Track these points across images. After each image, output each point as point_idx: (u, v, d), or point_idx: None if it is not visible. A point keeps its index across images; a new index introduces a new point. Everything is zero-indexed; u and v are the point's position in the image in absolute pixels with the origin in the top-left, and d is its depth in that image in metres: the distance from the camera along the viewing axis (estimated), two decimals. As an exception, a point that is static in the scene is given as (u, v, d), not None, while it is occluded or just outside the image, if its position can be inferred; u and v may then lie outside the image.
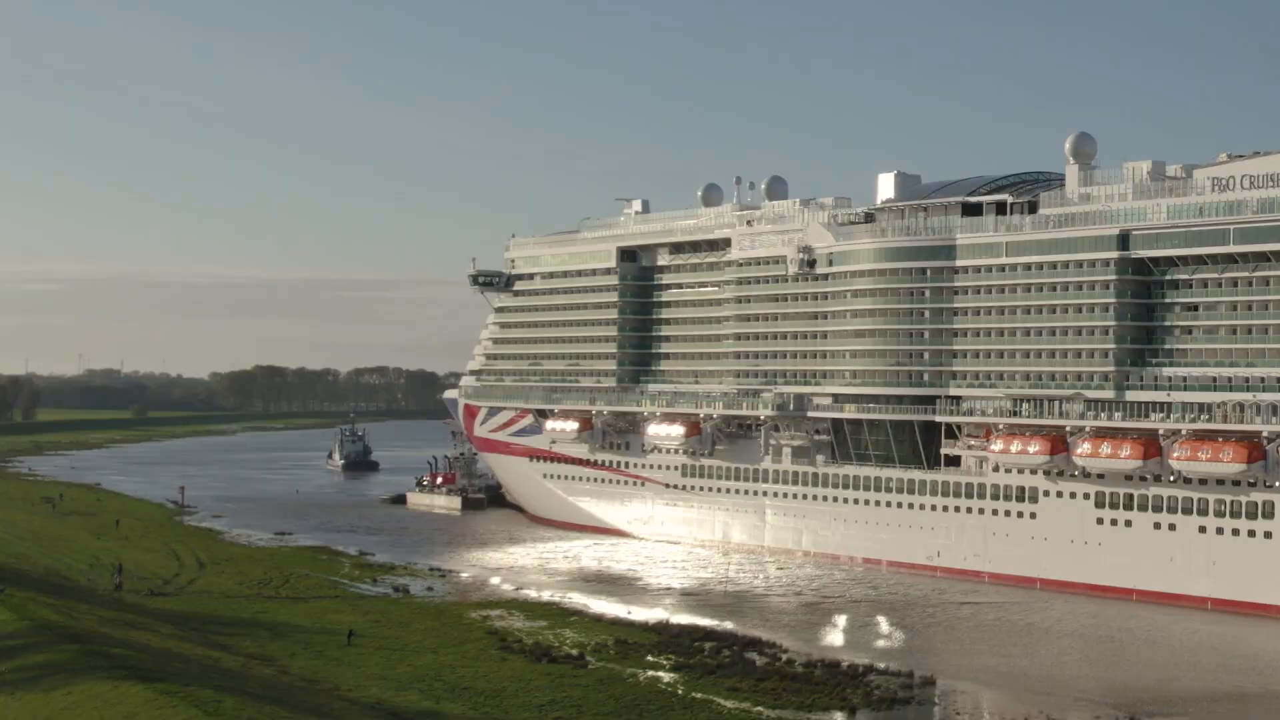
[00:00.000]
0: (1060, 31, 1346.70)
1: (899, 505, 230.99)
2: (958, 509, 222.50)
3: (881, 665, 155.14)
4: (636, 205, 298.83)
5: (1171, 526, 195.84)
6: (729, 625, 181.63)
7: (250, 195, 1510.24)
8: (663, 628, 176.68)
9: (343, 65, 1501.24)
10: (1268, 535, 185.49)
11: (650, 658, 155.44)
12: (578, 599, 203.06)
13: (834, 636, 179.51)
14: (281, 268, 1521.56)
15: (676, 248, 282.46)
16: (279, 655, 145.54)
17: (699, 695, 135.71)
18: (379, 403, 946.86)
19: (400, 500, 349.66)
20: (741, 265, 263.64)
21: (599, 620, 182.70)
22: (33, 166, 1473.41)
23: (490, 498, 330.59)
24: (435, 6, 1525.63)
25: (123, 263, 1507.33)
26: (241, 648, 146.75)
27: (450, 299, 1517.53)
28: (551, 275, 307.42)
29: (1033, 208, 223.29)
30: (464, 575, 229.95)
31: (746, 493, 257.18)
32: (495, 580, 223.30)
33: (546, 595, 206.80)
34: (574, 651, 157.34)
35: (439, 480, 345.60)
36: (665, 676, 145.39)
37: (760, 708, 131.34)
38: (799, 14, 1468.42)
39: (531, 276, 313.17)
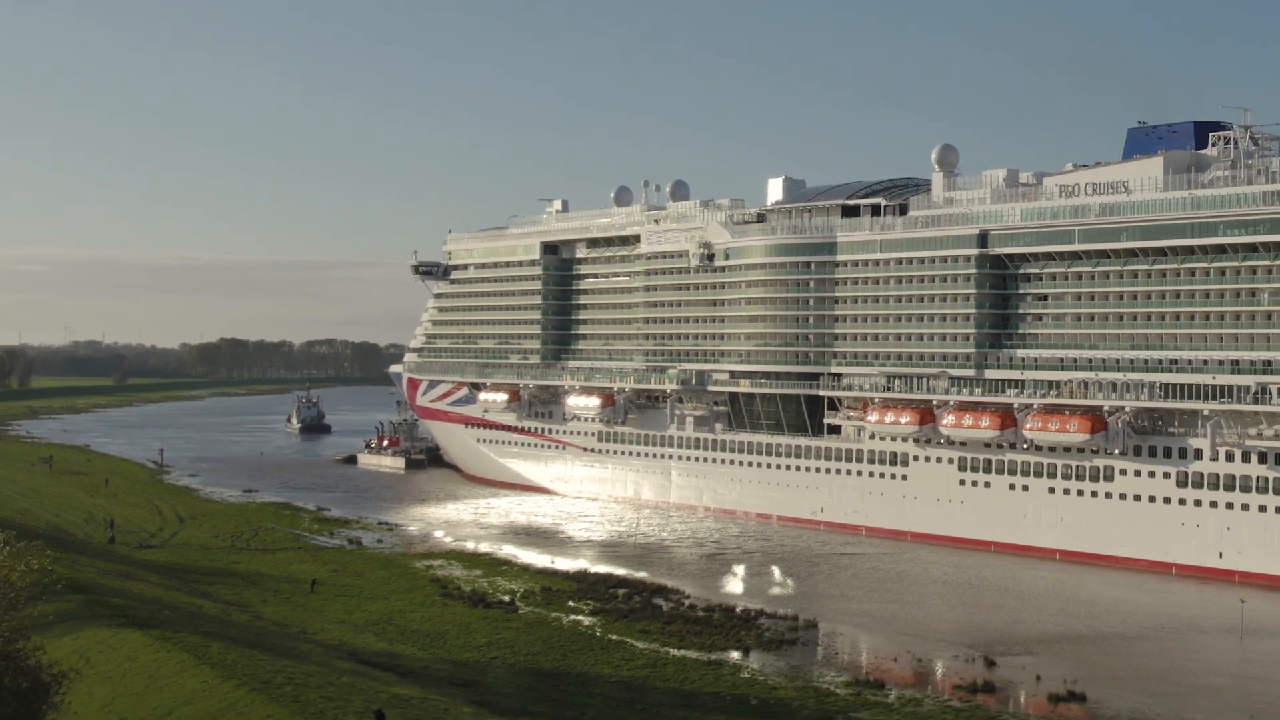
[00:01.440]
0: (931, 51, 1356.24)
1: (788, 468, 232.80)
2: (839, 471, 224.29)
3: (771, 610, 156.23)
4: (557, 205, 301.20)
5: (1025, 488, 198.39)
6: (640, 574, 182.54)
7: (214, 188, 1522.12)
8: (582, 576, 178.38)
9: (297, 73, 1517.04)
10: (1108, 495, 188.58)
11: (572, 603, 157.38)
12: (508, 550, 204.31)
13: (731, 584, 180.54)
14: (242, 251, 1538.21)
15: (593, 243, 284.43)
16: (253, 602, 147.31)
17: (614, 637, 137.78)
18: (328, 370, 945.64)
19: (351, 460, 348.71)
20: (649, 258, 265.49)
21: (526, 569, 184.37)
22: (27, 164, 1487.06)
23: (430, 459, 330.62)
24: (381, 19, 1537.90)
25: (104, 247, 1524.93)
26: (220, 595, 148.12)
27: (390, 279, 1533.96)
28: (483, 266, 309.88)
29: (903, 210, 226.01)
30: (409, 529, 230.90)
31: (654, 456, 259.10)
32: (437, 533, 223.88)
33: (481, 547, 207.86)
34: (506, 598, 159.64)
35: (385, 443, 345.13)
36: (585, 620, 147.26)
37: (667, 648, 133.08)
38: (703, 32, 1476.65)
39: (466, 267, 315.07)
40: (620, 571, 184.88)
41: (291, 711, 76.99)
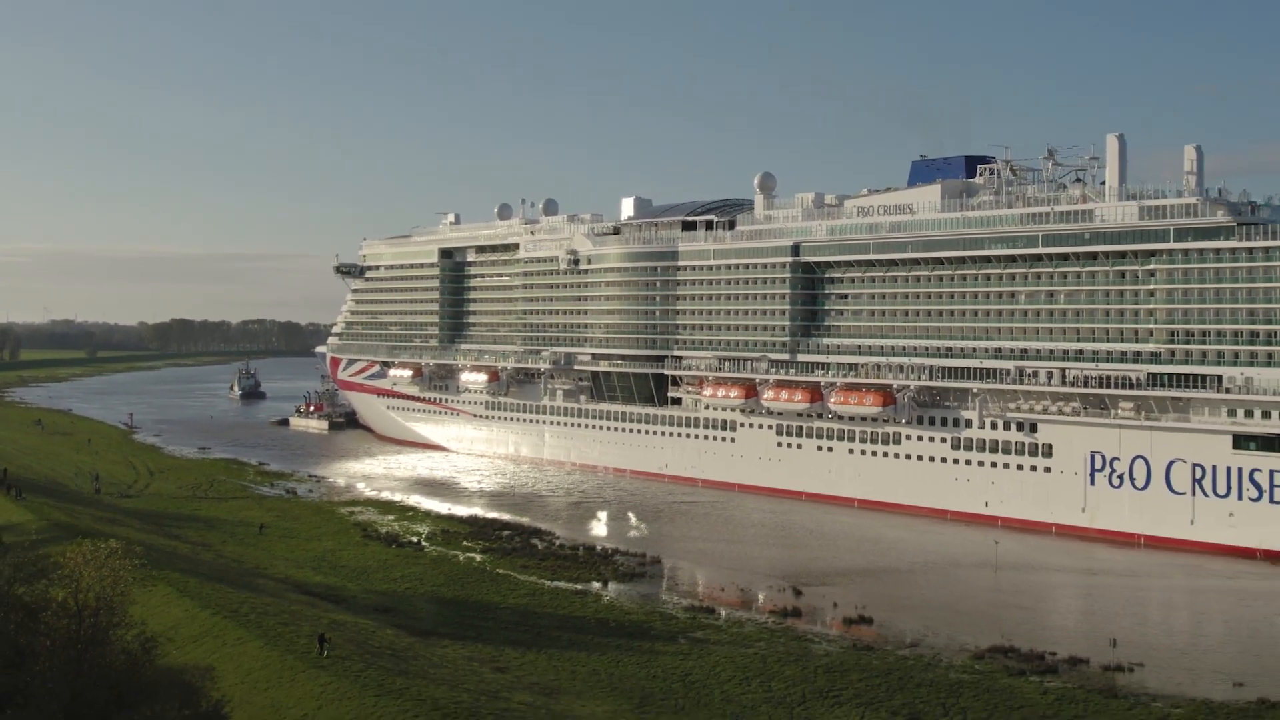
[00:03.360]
0: (756, 90, 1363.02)
1: (639, 431, 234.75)
2: (680, 434, 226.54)
3: (625, 549, 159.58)
4: (451, 217, 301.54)
5: (830, 449, 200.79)
6: (520, 519, 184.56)
7: (166, 193, 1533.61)
8: (474, 521, 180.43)
9: (235, 98, 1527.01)
10: (896, 456, 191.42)
11: (466, 543, 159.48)
12: (414, 498, 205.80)
13: (593, 527, 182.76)
14: (189, 246, 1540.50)
15: (480, 249, 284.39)
16: (215, 542, 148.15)
17: (501, 571, 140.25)
18: (259, 344, 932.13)
19: (284, 423, 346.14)
20: (527, 262, 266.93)
21: (430, 515, 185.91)
22: (14, 174, 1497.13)
23: (348, 422, 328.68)
24: (306, 57, 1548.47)
25: (76, 242, 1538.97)
26: (188, 537, 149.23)
27: (309, 269, 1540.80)
28: (392, 267, 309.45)
29: (731, 225, 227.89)
30: (334, 481, 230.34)
31: (531, 421, 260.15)
32: (357, 485, 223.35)
33: (393, 496, 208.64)
34: (414, 539, 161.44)
35: (312, 408, 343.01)
36: (477, 557, 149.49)
37: (544, 580, 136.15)
38: (570, 72, 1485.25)
39: (378, 268, 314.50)
40: (504, 516, 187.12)
41: (256, 635, 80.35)
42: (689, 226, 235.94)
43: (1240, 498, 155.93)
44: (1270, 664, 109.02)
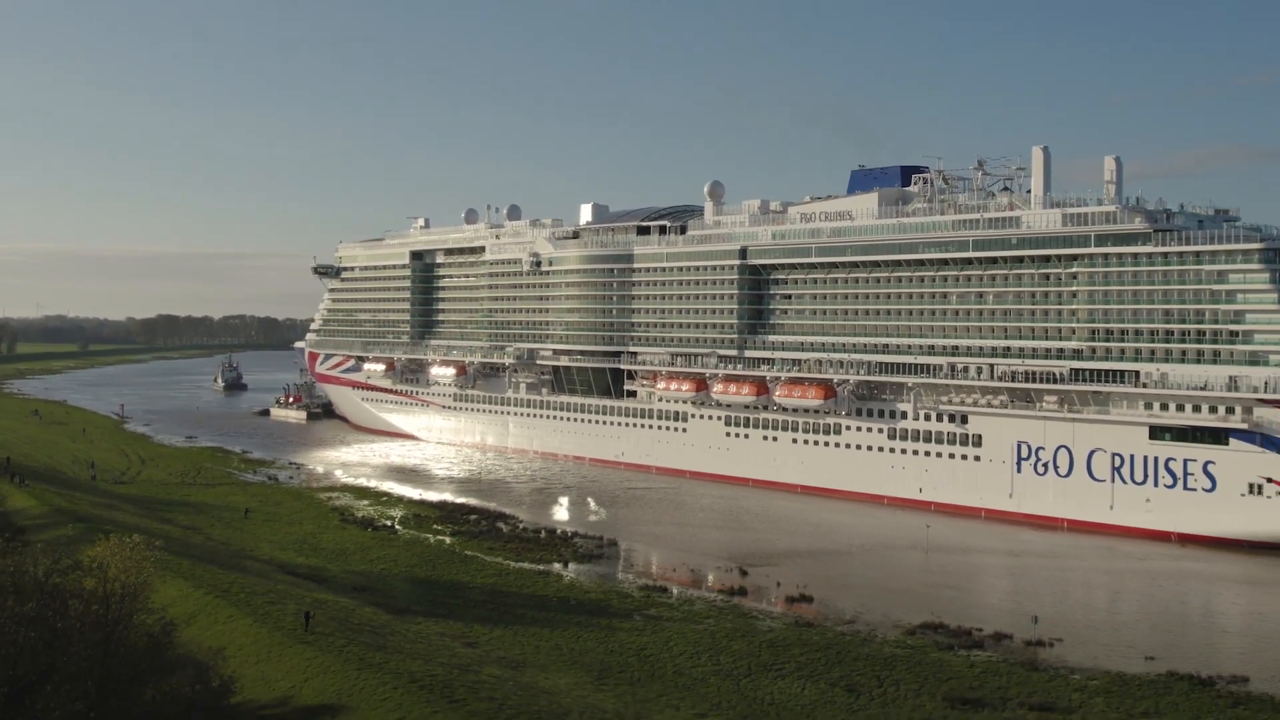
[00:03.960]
0: (706, 102, 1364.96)
1: (597, 421, 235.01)
2: (635, 425, 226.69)
3: (584, 531, 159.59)
4: (421, 221, 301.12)
5: (775, 439, 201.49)
6: (486, 504, 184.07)
7: (153, 197, 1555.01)
8: (443, 505, 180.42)
9: (214, 107, 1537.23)
10: (837, 445, 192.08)
11: (436, 527, 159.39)
12: (388, 485, 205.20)
13: (554, 511, 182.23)
14: (173, 245, 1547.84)
15: (449, 251, 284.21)
16: (204, 526, 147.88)
17: (469, 552, 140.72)
18: (239, 338, 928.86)
19: (265, 413, 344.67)
20: (492, 264, 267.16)
21: (402, 500, 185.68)
22: (9, 179, 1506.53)
23: (325, 412, 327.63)
24: (292, 61, 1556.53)
25: (68, 242, 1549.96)
26: (179, 521, 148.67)
27: (286, 267, 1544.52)
28: (366, 268, 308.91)
29: (683, 230, 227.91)
30: (313, 468, 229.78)
31: (497, 412, 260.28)
32: (335, 472, 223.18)
33: (368, 482, 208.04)
34: (388, 523, 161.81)
35: (291, 399, 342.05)
36: (447, 540, 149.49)
37: (509, 561, 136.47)
38: (532, 85, 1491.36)
39: (353, 269, 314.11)
40: (472, 501, 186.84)
41: (246, 612, 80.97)
42: (643, 231, 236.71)
43: (1156, 485, 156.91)
44: (1179, 639, 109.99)
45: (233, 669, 57.07)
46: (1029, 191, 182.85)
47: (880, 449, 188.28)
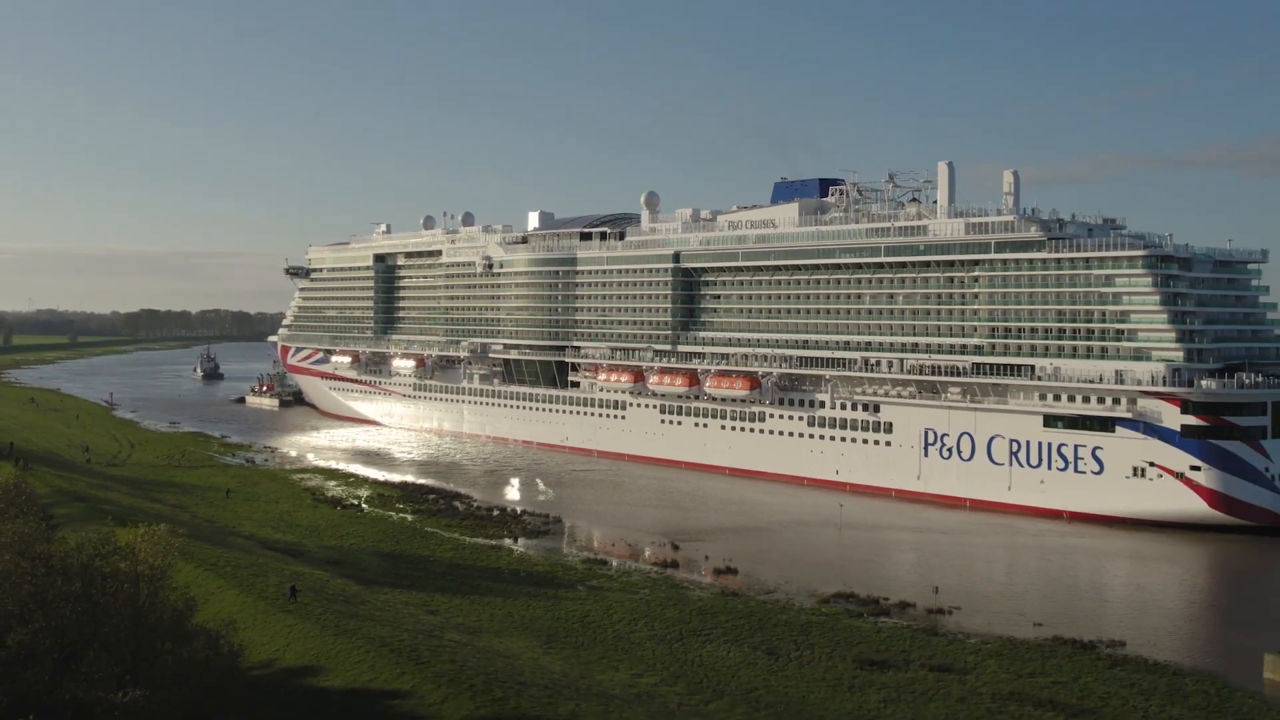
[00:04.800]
0: (642, 115, 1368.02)
1: (544, 409, 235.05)
2: (578, 412, 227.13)
3: (532, 510, 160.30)
4: (384, 227, 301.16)
5: (705, 426, 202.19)
6: (443, 484, 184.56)
7: (135, 200, 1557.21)
8: (405, 486, 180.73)
9: (197, 114, 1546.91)
10: (761, 431, 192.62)
11: (399, 505, 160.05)
12: (354, 467, 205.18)
13: (505, 491, 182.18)
14: (155, 244, 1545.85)
15: (409, 255, 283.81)
16: (190, 505, 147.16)
17: (429, 529, 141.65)
18: (215, 331, 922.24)
19: (241, 401, 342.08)
20: (448, 266, 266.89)
21: (367, 480, 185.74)
22: (2, 182, 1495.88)
23: (296, 400, 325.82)
24: (261, 74, 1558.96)
25: (58, 241, 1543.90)
26: (167, 500, 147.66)
27: (258, 265, 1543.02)
28: (334, 270, 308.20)
29: (622, 236, 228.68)
30: (286, 451, 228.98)
31: (452, 400, 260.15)
32: (307, 455, 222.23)
33: (336, 465, 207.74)
34: (355, 502, 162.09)
35: (265, 388, 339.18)
36: (409, 517, 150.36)
37: (465, 537, 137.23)
38: (482, 98, 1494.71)
39: (321, 270, 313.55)
40: (430, 482, 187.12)
41: (233, 584, 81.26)
42: (586, 237, 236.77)
43: (1050, 468, 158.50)
44: (1066, 608, 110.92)
45: (242, 638, 58.78)
46: (935, 202, 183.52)
47: (800, 435, 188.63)
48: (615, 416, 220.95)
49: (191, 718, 40.59)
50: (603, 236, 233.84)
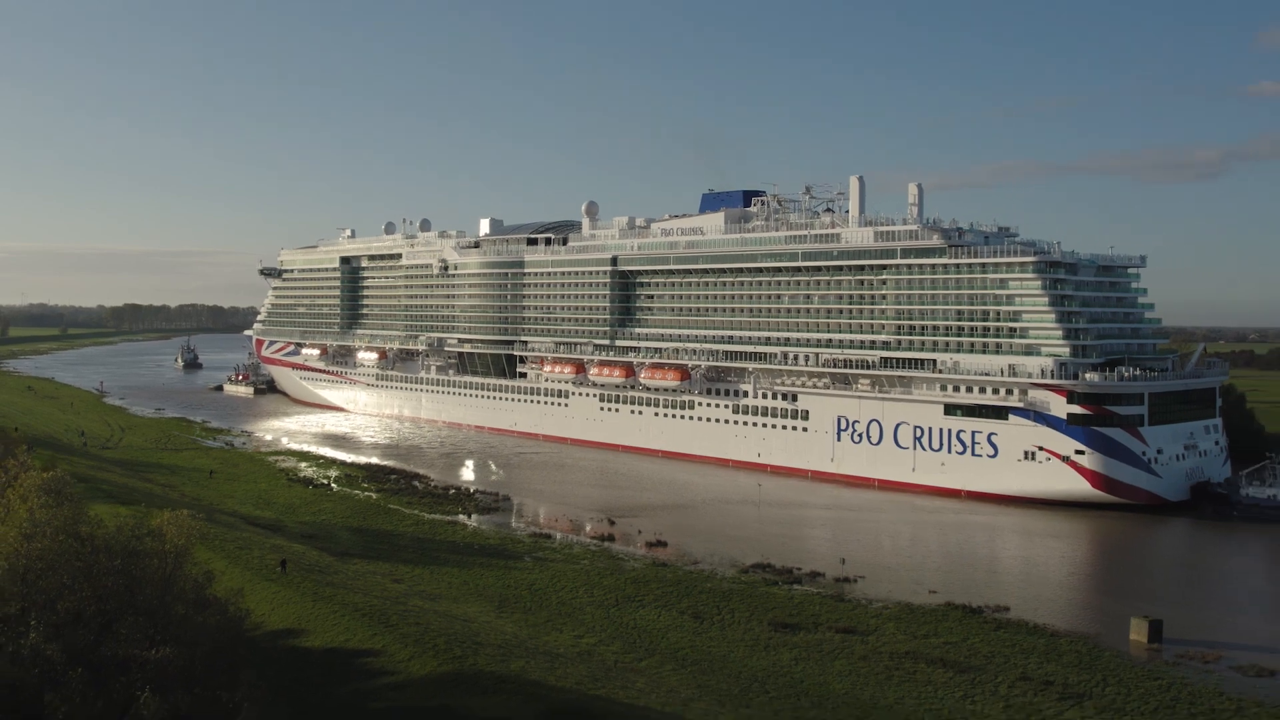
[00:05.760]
0: (584, 128, 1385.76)
1: (494, 398, 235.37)
2: (526, 400, 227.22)
3: (483, 489, 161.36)
4: (349, 231, 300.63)
5: (640, 413, 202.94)
6: (403, 465, 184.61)
7: (118, 201, 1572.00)
8: (369, 467, 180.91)
9: (176, 124, 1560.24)
10: (691, 418, 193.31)
11: (365, 485, 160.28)
12: (323, 449, 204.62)
13: (460, 472, 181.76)
14: (138, 243, 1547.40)
15: (372, 257, 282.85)
16: (178, 484, 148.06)
17: (392, 506, 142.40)
18: (192, 323, 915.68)
19: (219, 389, 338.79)
20: (408, 268, 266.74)
21: (335, 462, 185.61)
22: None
23: (269, 388, 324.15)
24: (235, 90, 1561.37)
25: (48, 240, 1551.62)
26: (158, 480, 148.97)
27: (233, 263, 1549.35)
28: (303, 271, 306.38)
29: (565, 241, 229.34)
30: (262, 435, 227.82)
31: (412, 389, 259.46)
32: (281, 439, 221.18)
33: (306, 447, 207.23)
34: (325, 481, 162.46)
35: (241, 377, 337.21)
36: (374, 495, 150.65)
37: (424, 513, 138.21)
38: (437, 113, 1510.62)
39: (292, 271, 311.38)
40: (392, 464, 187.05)
41: (222, 556, 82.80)
42: (532, 242, 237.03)
43: (950, 451, 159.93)
44: (959, 577, 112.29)
45: (248, 605, 61.07)
46: (847, 212, 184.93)
47: (726, 421, 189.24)
48: (559, 404, 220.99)
49: (207, 669, 43.33)
50: (547, 242, 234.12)
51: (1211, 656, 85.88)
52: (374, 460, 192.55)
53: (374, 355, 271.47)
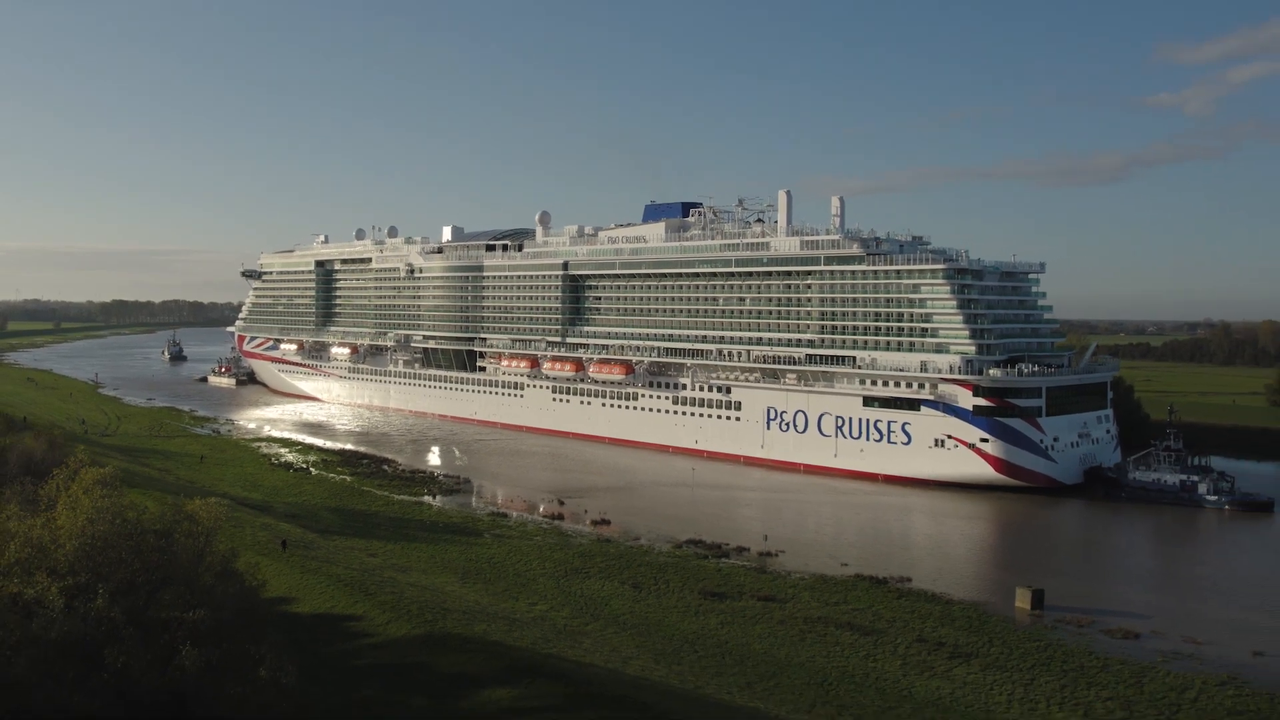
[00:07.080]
0: (537, 141, 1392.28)
1: (456, 389, 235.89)
2: (485, 392, 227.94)
3: (446, 472, 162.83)
4: (323, 237, 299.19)
5: (589, 403, 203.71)
6: (374, 451, 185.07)
7: (107, 203, 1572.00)
8: (343, 452, 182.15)
9: (162, 130, 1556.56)
10: (636, 409, 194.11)
11: (339, 469, 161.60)
12: (301, 436, 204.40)
13: (425, 457, 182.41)
14: (124, 242, 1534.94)
15: (345, 261, 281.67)
16: (173, 469, 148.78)
17: (365, 488, 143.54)
18: (175, 318, 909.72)
19: (204, 380, 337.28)
20: (377, 271, 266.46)
21: (312, 448, 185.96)
22: None
23: (250, 380, 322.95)
24: (218, 98, 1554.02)
25: (41, 240, 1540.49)
26: (154, 465, 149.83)
27: (213, 261, 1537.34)
28: (281, 273, 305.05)
29: (520, 247, 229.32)
30: (245, 424, 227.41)
31: (381, 381, 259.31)
32: (263, 427, 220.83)
33: (287, 434, 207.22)
34: (304, 465, 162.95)
35: (224, 370, 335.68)
36: (348, 478, 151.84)
37: (393, 494, 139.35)
38: (403, 127, 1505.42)
39: (271, 272, 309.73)
40: (364, 449, 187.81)
41: (222, 534, 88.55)
42: (491, 248, 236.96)
43: (868, 439, 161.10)
44: (870, 552, 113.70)
45: (263, 577, 64.53)
46: (776, 222, 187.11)
47: (667, 411, 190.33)
48: (515, 395, 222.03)
49: (233, 628, 47.85)
50: (505, 248, 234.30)
51: (1085, 621, 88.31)
52: (348, 446, 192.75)
53: (346, 350, 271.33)
